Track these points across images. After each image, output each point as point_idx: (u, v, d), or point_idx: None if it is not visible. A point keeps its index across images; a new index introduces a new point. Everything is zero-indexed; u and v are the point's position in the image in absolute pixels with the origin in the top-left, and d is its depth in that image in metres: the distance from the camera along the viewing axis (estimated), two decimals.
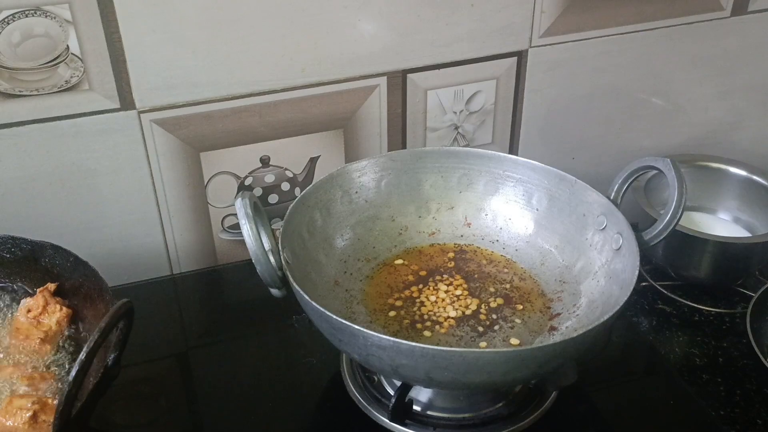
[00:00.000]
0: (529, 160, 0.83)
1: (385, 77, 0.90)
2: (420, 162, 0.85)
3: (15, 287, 0.79)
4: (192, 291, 0.96)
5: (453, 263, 0.83)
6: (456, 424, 0.74)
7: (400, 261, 0.84)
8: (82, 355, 0.60)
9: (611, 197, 0.78)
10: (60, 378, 0.71)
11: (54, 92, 0.79)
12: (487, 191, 0.85)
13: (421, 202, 0.86)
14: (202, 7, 0.80)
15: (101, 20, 0.77)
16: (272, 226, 0.73)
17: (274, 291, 0.71)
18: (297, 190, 0.94)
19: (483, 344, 0.74)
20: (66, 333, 0.75)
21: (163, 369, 0.83)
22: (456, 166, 0.85)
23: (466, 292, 0.80)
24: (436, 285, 0.80)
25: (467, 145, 0.99)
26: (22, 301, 0.76)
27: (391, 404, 0.72)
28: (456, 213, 0.86)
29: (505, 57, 0.94)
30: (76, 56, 0.78)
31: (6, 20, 0.74)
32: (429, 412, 0.74)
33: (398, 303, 0.79)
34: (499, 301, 0.79)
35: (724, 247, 0.89)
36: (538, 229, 0.83)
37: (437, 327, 0.76)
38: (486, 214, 0.86)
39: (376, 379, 0.77)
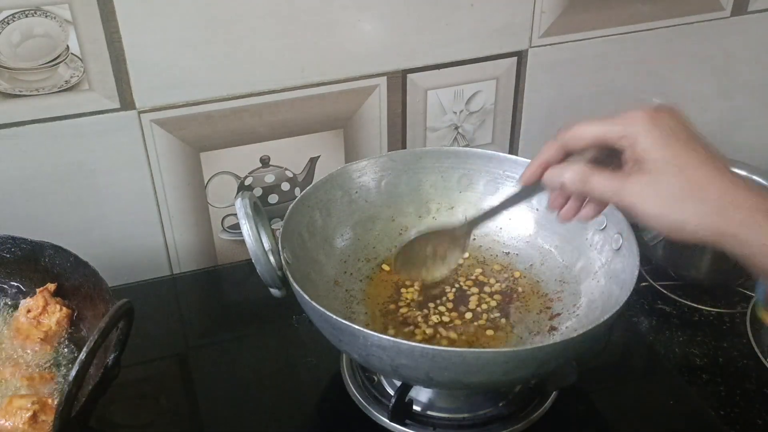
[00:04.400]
0: (529, 160, 0.82)
1: (385, 77, 0.90)
2: (420, 162, 0.85)
3: (15, 287, 0.79)
4: (192, 291, 0.96)
5: None
6: (456, 424, 0.74)
7: None
8: (82, 355, 0.60)
9: None
10: (60, 378, 0.71)
11: (54, 92, 0.79)
12: (487, 191, 0.85)
13: (421, 202, 0.86)
14: (203, 7, 0.80)
15: (101, 20, 0.77)
16: (272, 226, 0.73)
17: (274, 291, 0.71)
18: (297, 190, 0.94)
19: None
20: (66, 333, 0.75)
21: (163, 369, 0.83)
22: (456, 166, 0.85)
23: (466, 292, 0.80)
24: (437, 285, 0.80)
25: (467, 145, 0.99)
26: (22, 301, 0.76)
27: (391, 404, 0.72)
28: (456, 213, 0.86)
29: (505, 57, 0.94)
30: (76, 56, 0.78)
31: (6, 20, 0.74)
32: (429, 412, 0.74)
33: (398, 303, 0.79)
34: (499, 299, 0.79)
35: None
36: (538, 229, 0.83)
37: (437, 327, 0.76)
38: None
39: (376, 379, 0.77)
